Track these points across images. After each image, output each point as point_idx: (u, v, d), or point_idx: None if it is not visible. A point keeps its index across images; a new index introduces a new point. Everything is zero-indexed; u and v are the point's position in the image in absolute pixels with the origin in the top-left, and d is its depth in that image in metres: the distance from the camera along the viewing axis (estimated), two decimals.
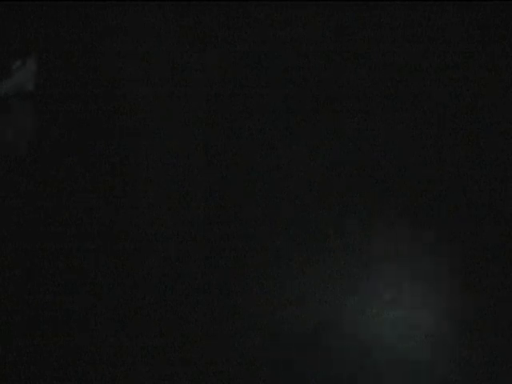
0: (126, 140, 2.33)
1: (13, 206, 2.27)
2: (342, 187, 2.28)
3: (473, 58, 2.33)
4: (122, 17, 2.33)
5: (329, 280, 2.24)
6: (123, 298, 2.25)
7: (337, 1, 2.33)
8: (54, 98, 2.29)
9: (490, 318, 2.21)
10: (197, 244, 2.28)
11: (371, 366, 2.20)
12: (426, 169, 2.30)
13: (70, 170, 2.28)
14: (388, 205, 2.29)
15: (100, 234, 2.27)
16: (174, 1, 2.38)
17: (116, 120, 2.33)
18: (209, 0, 2.40)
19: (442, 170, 2.29)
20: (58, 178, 2.29)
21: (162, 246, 2.28)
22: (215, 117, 2.36)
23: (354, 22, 2.35)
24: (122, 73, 2.30)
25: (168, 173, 2.33)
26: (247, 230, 2.29)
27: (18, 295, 2.23)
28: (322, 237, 2.27)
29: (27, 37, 2.28)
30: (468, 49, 2.33)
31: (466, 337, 2.20)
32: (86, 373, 2.21)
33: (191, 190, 2.32)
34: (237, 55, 2.37)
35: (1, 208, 2.28)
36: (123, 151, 2.31)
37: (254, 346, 2.23)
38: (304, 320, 2.23)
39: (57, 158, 2.28)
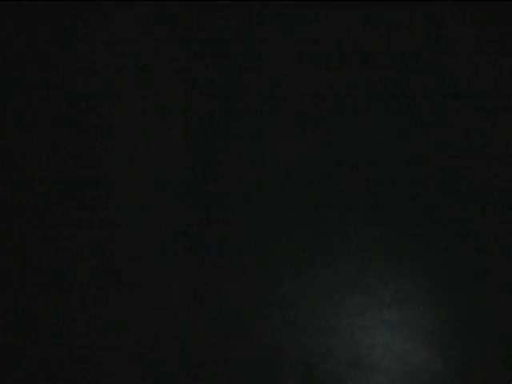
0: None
1: None
2: (342, 187, 2.26)
3: (473, 58, 2.29)
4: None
5: (329, 280, 2.23)
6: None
7: (337, 1, 2.30)
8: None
9: (489, 319, 2.21)
10: (196, 247, 2.29)
11: (370, 367, 2.21)
12: (425, 168, 2.27)
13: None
14: (388, 204, 2.27)
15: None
16: None
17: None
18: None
19: (441, 169, 2.27)
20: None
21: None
22: (215, 116, 2.35)
23: (355, 22, 2.31)
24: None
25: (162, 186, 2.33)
26: (247, 230, 2.29)
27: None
28: (322, 237, 2.25)
29: None
30: (468, 49, 2.29)
31: (466, 337, 2.20)
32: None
33: (187, 193, 2.31)
34: (237, 55, 2.34)
35: None
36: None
37: (250, 345, 2.25)
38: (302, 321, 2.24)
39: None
